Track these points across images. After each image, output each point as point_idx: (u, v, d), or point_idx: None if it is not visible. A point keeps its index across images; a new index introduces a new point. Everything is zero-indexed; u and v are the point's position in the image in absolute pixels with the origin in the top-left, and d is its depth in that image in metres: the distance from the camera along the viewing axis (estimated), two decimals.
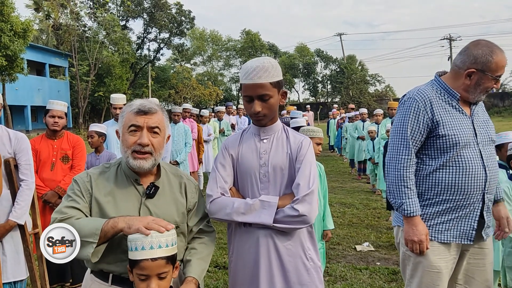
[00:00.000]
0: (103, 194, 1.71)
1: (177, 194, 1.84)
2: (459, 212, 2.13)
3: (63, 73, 33.50)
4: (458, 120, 2.15)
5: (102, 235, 1.54)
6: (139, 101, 1.78)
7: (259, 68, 1.90)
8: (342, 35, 49.21)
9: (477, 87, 2.13)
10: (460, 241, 2.14)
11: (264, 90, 1.91)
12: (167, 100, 39.34)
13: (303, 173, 1.94)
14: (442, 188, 2.13)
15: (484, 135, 2.19)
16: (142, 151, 1.71)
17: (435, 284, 2.14)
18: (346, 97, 42.19)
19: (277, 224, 1.89)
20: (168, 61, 47.23)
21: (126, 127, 1.73)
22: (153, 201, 1.75)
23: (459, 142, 2.10)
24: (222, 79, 51.26)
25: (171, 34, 38.98)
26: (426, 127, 2.14)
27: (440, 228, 2.15)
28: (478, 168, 2.12)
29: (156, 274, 1.53)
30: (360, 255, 4.86)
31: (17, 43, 18.51)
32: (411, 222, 2.14)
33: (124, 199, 1.72)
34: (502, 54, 2.09)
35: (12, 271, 2.87)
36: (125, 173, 1.78)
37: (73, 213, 1.64)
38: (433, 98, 2.17)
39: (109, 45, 33.50)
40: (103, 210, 1.69)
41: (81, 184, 1.72)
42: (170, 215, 1.77)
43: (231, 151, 2.06)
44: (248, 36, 47.55)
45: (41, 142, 3.81)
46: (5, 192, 2.85)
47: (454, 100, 2.18)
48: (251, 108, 1.96)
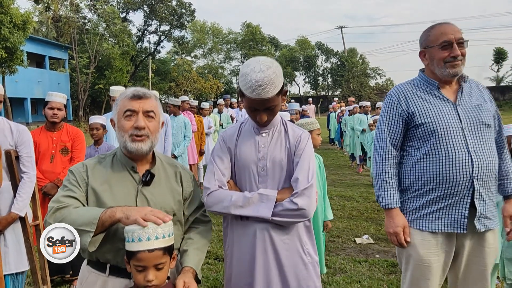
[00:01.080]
0: (99, 183, 1.72)
1: (173, 183, 1.84)
2: (448, 200, 2.10)
3: (63, 66, 33.38)
4: (437, 108, 2.15)
5: (99, 225, 1.54)
6: (133, 88, 1.80)
7: (265, 83, 1.82)
8: (343, 28, 49.02)
9: (433, 62, 2.18)
10: (452, 230, 2.10)
11: (270, 102, 1.90)
12: (167, 93, 39.26)
13: (302, 167, 1.93)
14: (427, 178, 2.12)
15: (472, 119, 2.13)
16: (139, 135, 1.72)
17: (426, 277, 2.14)
18: (346, 90, 42.09)
19: (275, 218, 1.87)
20: (168, 53, 47.07)
21: (122, 112, 1.75)
22: (149, 189, 1.76)
23: (437, 129, 2.10)
24: (223, 72, 51.12)
25: (171, 27, 38.78)
26: (402, 119, 2.20)
27: (431, 218, 2.13)
28: (461, 154, 2.07)
29: (153, 265, 1.54)
30: (359, 248, 4.88)
31: (17, 35, 18.44)
32: (388, 214, 2.20)
33: (120, 187, 1.73)
34: (440, 26, 2.16)
35: (15, 262, 2.89)
36: (121, 162, 1.79)
37: (71, 202, 1.65)
38: (407, 91, 2.23)
39: (109, 38, 33.35)
40: (100, 199, 1.69)
41: (77, 174, 1.73)
42: (167, 203, 1.77)
43: (228, 144, 2.05)
44: (248, 29, 47.34)
45: (40, 134, 3.81)
46: (6, 184, 2.85)
47: (434, 88, 2.20)
48: (256, 117, 1.95)
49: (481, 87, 2.29)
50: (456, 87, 2.22)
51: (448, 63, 2.12)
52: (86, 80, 31.26)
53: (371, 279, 3.90)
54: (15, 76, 21.64)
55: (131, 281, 1.66)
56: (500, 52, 41.40)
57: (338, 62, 47.30)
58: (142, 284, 1.55)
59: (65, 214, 1.60)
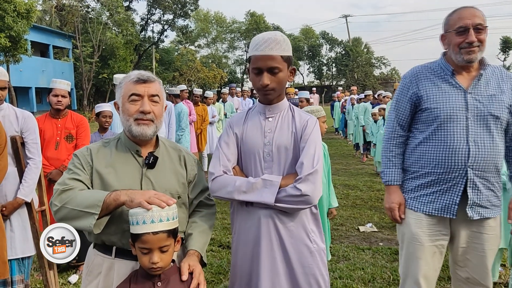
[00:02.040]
0: (104, 165, 1.73)
1: (177, 166, 1.85)
2: (442, 185, 2.14)
3: (67, 55, 33.36)
4: (445, 94, 2.14)
5: (104, 207, 1.55)
6: (137, 71, 1.79)
7: (271, 40, 1.87)
8: (348, 17, 48.57)
9: (450, 48, 2.16)
10: (442, 214, 2.15)
11: (274, 62, 1.87)
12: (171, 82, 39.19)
13: (308, 152, 1.89)
14: (425, 161, 2.18)
15: (480, 109, 2.10)
16: (144, 119, 1.73)
17: (417, 256, 2.19)
18: (351, 80, 41.86)
19: (278, 204, 1.85)
20: (172, 43, 46.92)
21: (126, 96, 1.75)
22: (153, 171, 1.77)
23: (440, 115, 2.12)
24: (227, 62, 50.93)
25: (175, 16, 38.57)
26: (411, 101, 2.23)
27: (425, 200, 2.19)
28: (459, 142, 2.09)
29: (158, 247, 1.55)
30: (363, 236, 4.90)
31: (21, 24, 18.40)
32: (388, 190, 2.32)
33: (125, 170, 1.74)
34: (460, 10, 2.13)
35: (21, 247, 2.92)
36: (125, 145, 1.80)
37: (76, 185, 1.66)
38: (421, 73, 2.24)
39: (113, 27, 33.26)
40: (104, 182, 1.70)
41: (82, 157, 1.74)
42: (172, 185, 1.78)
43: (235, 130, 2.03)
44: (252, 18, 46.98)
45: (45, 121, 3.82)
46: (12, 170, 2.87)
47: (448, 74, 2.18)
48: (259, 81, 1.91)
49: (506, 76, 2.20)
50: (474, 74, 2.17)
51: (464, 49, 2.09)
52: (90, 70, 31.24)
53: (374, 266, 3.91)
54: (19, 65, 21.65)
55: (137, 263, 1.68)
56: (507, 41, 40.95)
57: (342, 51, 47.02)
58: (147, 266, 1.57)
59: (71, 196, 1.60)
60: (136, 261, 1.67)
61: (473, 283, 2.19)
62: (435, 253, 2.19)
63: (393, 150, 2.29)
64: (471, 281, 2.19)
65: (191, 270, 1.64)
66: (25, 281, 3.01)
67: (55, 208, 1.62)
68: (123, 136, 1.82)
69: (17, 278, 2.95)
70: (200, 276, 1.63)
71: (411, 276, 2.22)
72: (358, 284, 3.52)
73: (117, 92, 1.82)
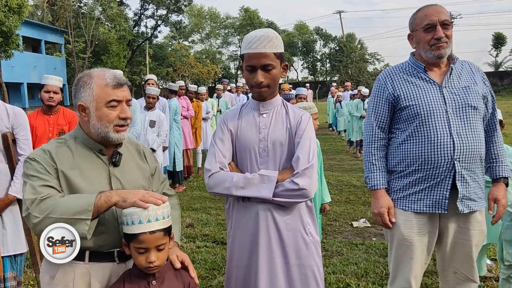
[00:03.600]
0: (68, 167, 1.62)
1: (138, 161, 1.83)
2: (430, 182, 2.13)
3: (59, 50, 33.07)
4: (422, 90, 2.16)
5: (95, 211, 1.50)
6: (110, 73, 1.69)
7: (264, 37, 1.90)
8: (341, 12, 48.58)
9: (420, 45, 2.19)
10: (433, 210, 2.14)
11: (267, 59, 1.91)
12: (165, 78, 39.03)
13: (303, 147, 1.94)
14: (411, 159, 2.17)
15: (458, 101, 2.13)
16: (124, 125, 1.69)
17: (408, 256, 2.19)
18: (345, 75, 41.91)
19: (276, 198, 1.89)
20: (165, 38, 46.68)
21: (104, 101, 1.64)
22: (119, 169, 1.72)
23: (420, 111, 2.13)
24: (221, 57, 50.82)
25: (168, 11, 38.28)
26: (388, 102, 2.23)
27: (413, 198, 2.17)
28: (443, 136, 2.09)
29: (155, 246, 1.55)
30: (356, 231, 4.93)
31: (12, 19, 18.19)
32: (374, 195, 2.27)
33: (91, 171, 1.66)
34: (425, 8, 2.16)
35: (13, 244, 2.90)
36: (86, 145, 1.70)
37: (52, 192, 1.55)
38: (395, 74, 2.26)
39: (106, 22, 32.97)
40: (72, 185, 1.60)
41: (42, 161, 1.60)
42: (138, 181, 1.76)
43: (230, 126, 2.05)
44: (246, 14, 46.86)
45: (37, 118, 3.79)
46: (3, 167, 2.85)
47: (421, 71, 2.21)
48: (253, 78, 1.94)
49: (474, 69, 2.26)
50: (445, 69, 2.21)
51: (433, 45, 2.12)
52: (83, 65, 30.97)
53: (368, 261, 3.94)
54: (11, 61, 21.45)
55: (114, 264, 1.66)
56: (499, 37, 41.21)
57: (336, 47, 47.01)
58: (144, 266, 1.57)
59: (53, 204, 1.50)
60: (113, 262, 1.65)
61: (461, 277, 2.22)
62: (423, 251, 2.21)
63: (375, 154, 2.27)
64: (458, 276, 2.22)
65: (181, 260, 1.69)
66: (18, 278, 3.00)
67: (35, 220, 1.48)
68: (83, 135, 1.71)
69: (9, 275, 2.93)
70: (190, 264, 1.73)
71: (401, 276, 2.22)
72: (351, 279, 3.54)
73: (83, 93, 1.66)
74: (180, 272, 1.70)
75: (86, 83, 1.66)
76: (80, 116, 1.70)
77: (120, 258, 1.67)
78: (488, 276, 3.49)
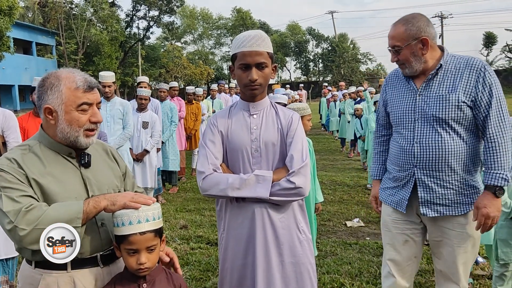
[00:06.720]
0: (39, 175, 1.54)
1: (108, 161, 1.79)
2: (398, 182, 2.31)
3: (51, 52, 32.87)
4: (401, 98, 2.28)
5: (84, 218, 1.48)
6: (80, 75, 1.62)
7: (258, 36, 1.94)
8: (333, 13, 48.70)
9: None
10: (397, 208, 2.32)
11: (262, 58, 1.93)
12: (157, 79, 38.87)
13: (296, 147, 1.97)
14: (390, 159, 2.38)
15: (426, 111, 2.14)
16: (95, 129, 1.63)
17: (387, 242, 2.40)
18: (337, 76, 42.03)
19: (273, 197, 1.91)
20: (158, 39, 46.50)
21: (74, 105, 1.57)
22: (90, 170, 1.66)
23: (394, 119, 2.32)
24: (213, 58, 50.72)
25: (160, 12, 38.11)
26: (384, 105, 2.43)
27: (387, 193, 2.39)
28: (407, 144, 2.22)
29: (145, 247, 1.54)
30: (350, 231, 4.94)
31: (3, 21, 18.08)
32: (373, 185, 2.59)
33: (64, 175, 1.59)
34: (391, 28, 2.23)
35: (4, 249, 2.88)
36: (53, 149, 1.62)
37: (33, 202, 1.48)
38: (390, 78, 2.41)
39: (97, 23, 32.81)
40: (46, 192, 1.53)
41: (11, 170, 1.50)
42: (111, 181, 1.72)
43: (220, 127, 2.05)
44: (239, 14, 46.86)
45: (28, 120, 3.76)
46: None
47: (410, 78, 2.26)
48: (247, 76, 1.94)
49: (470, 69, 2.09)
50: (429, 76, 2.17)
51: (401, 66, 2.24)
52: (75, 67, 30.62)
53: (361, 260, 3.95)
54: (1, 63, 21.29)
55: (98, 268, 1.62)
56: (490, 36, 41.54)
57: (329, 47, 47.09)
58: (134, 268, 1.56)
59: (39, 215, 1.43)
60: (97, 266, 1.61)
61: (445, 276, 2.27)
62: (407, 241, 2.31)
63: (376, 148, 2.53)
64: (443, 274, 2.28)
65: (167, 253, 1.73)
66: (10, 282, 2.97)
67: (23, 232, 1.41)
68: (48, 140, 1.62)
69: (1, 279, 2.91)
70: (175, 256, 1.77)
71: (384, 258, 2.42)
72: (345, 278, 3.55)
73: (51, 95, 1.57)
74: (171, 274, 1.69)
75: (53, 85, 1.57)
76: (45, 119, 1.60)
77: (104, 262, 1.63)
78: (481, 274, 3.52)
